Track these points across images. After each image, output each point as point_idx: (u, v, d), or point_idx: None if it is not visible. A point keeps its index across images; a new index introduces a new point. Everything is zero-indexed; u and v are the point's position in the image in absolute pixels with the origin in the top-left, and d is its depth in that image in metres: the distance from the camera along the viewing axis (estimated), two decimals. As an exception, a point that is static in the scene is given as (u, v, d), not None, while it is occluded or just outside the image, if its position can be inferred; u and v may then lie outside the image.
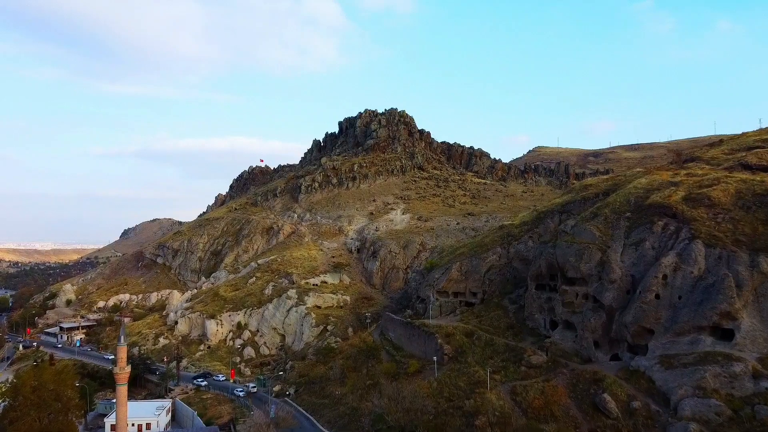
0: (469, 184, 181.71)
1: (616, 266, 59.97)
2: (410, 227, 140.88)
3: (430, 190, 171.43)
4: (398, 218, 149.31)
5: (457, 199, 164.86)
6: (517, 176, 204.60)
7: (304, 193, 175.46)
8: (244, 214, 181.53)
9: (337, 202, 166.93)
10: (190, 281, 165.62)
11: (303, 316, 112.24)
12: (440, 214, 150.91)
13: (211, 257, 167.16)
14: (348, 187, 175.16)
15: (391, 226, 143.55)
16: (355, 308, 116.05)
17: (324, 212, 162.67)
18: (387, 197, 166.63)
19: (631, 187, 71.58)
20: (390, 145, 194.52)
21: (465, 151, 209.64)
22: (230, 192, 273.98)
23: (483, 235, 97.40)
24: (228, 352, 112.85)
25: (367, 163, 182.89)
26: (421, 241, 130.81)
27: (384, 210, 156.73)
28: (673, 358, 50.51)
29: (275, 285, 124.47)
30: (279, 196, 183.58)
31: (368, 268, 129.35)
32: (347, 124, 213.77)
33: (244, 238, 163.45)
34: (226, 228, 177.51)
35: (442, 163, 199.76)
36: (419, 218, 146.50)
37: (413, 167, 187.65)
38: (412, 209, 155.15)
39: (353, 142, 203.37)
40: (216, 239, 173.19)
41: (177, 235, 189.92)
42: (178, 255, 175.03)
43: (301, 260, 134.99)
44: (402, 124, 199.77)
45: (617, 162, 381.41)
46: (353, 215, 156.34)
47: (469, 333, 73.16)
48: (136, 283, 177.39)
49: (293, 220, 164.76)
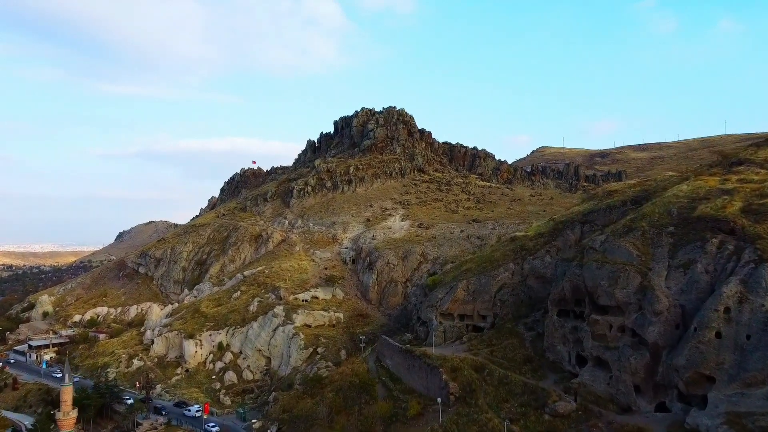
0: (473, 187, 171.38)
1: (661, 294, 49.83)
2: (410, 235, 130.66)
3: (432, 194, 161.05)
4: (397, 225, 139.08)
5: (461, 203, 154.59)
6: (524, 178, 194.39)
7: (296, 198, 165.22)
8: (232, 220, 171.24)
9: (331, 208, 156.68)
10: (172, 293, 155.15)
11: (290, 336, 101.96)
12: (442, 220, 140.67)
13: (196, 267, 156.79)
14: (343, 191, 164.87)
15: (389, 234, 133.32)
16: (348, 327, 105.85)
17: (317, 218, 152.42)
18: (385, 202, 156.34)
19: (671, 195, 61.40)
20: (388, 146, 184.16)
21: (468, 152, 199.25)
22: (221, 195, 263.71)
23: (492, 248, 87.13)
24: (207, 377, 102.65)
25: (364, 165, 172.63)
26: (422, 251, 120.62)
27: (381, 216, 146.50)
28: (745, 418, 40.45)
29: (261, 300, 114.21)
30: (269, 201, 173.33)
31: (364, 281, 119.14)
32: (343, 123, 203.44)
33: (231, 247, 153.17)
34: (212, 235, 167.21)
35: (444, 165, 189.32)
36: (420, 225, 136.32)
37: (413, 169, 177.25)
38: (411, 215, 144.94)
39: (349, 142, 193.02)
40: (201, 247, 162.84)
41: (160, 243, 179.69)
42: (161, 264, 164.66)
43: (291, 272, 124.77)
44: (401, 123, 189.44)
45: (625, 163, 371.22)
46: (348, 222, 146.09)
47: (480, 367, 63.02)
48: (115, 295, 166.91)
49: (284, 227, 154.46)
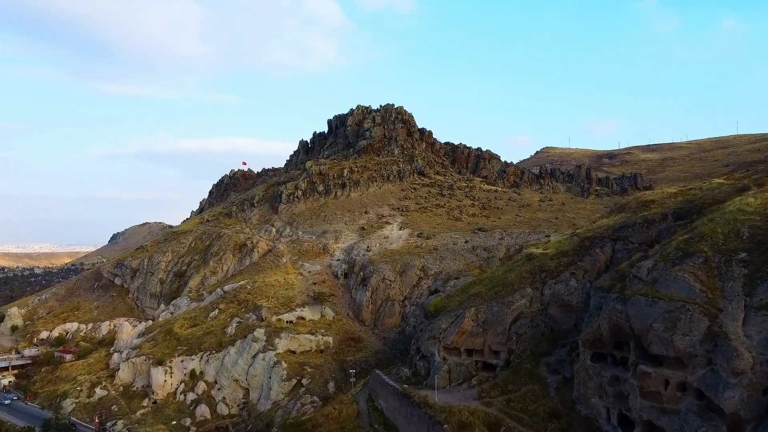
0: (478, 191, 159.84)
1: (741, 345, 38.21)
2: (408, 246, 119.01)
3: (433, 200, 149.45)
4: (394, 235, 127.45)
5: (465, 210, 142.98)
6: (532, 182, 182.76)
7: (285, 203, 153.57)
8: (216, 227, 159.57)
9: (322, 215, 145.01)
10: (148, 308, 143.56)
11: (272, 365, 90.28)
12: (445, 229, 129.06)
13: (174, 279, 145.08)
14: (336, 195, 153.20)
15: (385, 245, 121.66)
16: (338, 353, 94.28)
17: (307, 226, 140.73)
18: (381, 208, 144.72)
19: (734, 211, 49.76)
20: (386, 147, 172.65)
21: (471, 153, 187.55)
22: (210, 198, 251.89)
23: (505, 267, 75.41)
24: (177, 410, 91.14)
25: (359, 167, 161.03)
26: (422, 265, 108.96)
27: (378, 224, 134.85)
28: None
29: (240, 322, 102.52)
30: (256, 206, 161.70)
31: (357, 298, 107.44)
32: (337, 122, 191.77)
33: (213, 257, 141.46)
34: (194, 243, 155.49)
35: (446, 168, 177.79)
36: (419, 235, 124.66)
37: (412, 172, 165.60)
38: (410, 223, 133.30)
39: (344, 143, 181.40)
40: (181, 257, 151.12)
41: (138, 252, 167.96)
42: (137, 276, 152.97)
43: (276, 288, 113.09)
44: (399, 122, 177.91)
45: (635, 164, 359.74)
46: (341, 230, 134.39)
47: (494, 423, 51.62)
48: (88, 308, 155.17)
49: (271, 236, 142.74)
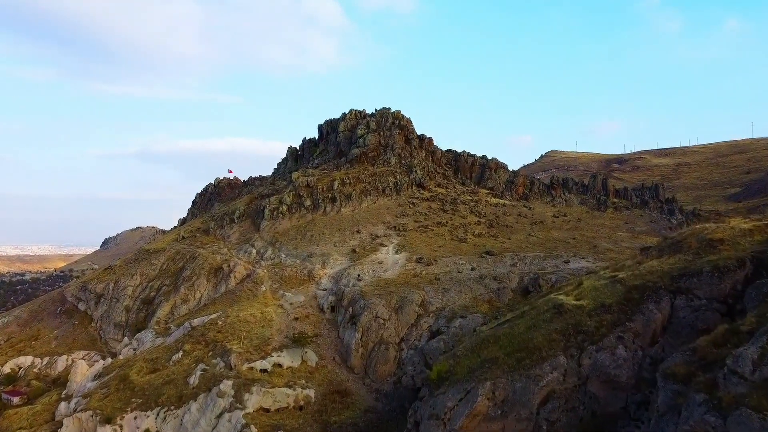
0: (484, 206, 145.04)
1: None
2: (406, 275, 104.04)
3: (434, 216, 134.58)
4: (390, 259, 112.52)
5: (470, 228, 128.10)
6: (542, 193, 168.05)
7: (268, 220, 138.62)
8: (192, 246, 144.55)
9: (309, 234, 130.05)
10: (112, 339, 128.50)
11: (239, 429, 75.16)
12: (447, 252, 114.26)
13: (142, 307, 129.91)
14: (325, 211, 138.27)
15: (379, 272, 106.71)
16: (321, 411, 79.19)
17: (291, 247, 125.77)
18: (376, 227, 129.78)
19: None
20: (381, 156, 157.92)
21: (476, 162, 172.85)
22: (193, 208, 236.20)
23: (527, 319, 60.34)
24: (125, 484, 75.86)
25: (351, 179, 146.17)
26: (422, 299, 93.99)
27: (371, 246, 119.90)
28: None
29: (206, 369, 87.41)
30: (237, 223, 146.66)
31: (345, 339, 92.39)
32: (328, 127, 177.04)
33: (185, 283, 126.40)
34: (165, 265, 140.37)
35: (448, 179, 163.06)
36: (419, 260, 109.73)
37: (410, 184, 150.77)
38: (408, 245, 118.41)
39: (335, 150, 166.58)
40: (151, 282, 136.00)
41: (105, 273, 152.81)
42: (102, 302, 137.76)
43: (251, 324, 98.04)
44: (396, 128, 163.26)
45: (647, 170, 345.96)
46: (329, 253, 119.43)
47: None
48: (47, 338, 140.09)
49: (251, 258, 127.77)
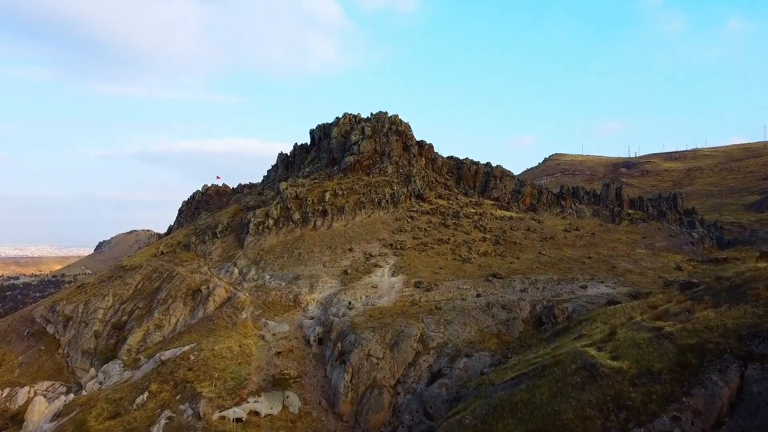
0: (489, 219, 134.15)
1: None
2: (403, 302, 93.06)
3: (434, 232, 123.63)
4: (385, 283, 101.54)
5: (474, 246, 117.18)
6: (551, 203, 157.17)
7: (253, 235, 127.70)
8: (170, 263, 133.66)
9: (296, 252, 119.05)
10: (79, 369, 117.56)
11: (204, 497, 64.28)
12: (449, 274, 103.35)
13: (112, 333, 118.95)
14: (315, 226, 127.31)
15: (373, 299, 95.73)
16: (302, 472, 68.18)
17: (276, 267, 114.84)
18: (370, 244, 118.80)
19: None
20: (377, 164, 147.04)
21: (480, 170, 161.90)
22: (179, 217, 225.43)
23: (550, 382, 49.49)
24: None
25: (344, 190, 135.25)
26: (421, 333, 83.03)
27: (364, 267, 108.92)
28: None
29: (171, 418, 76.36)
30: (219, 237, 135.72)
31: (333, 380, 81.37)
32: (321, 133, 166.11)
33: (160, 306, 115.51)
34: (141, 285, 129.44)
35: (450, 189, 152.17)
36: (417, 284, 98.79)
37: (409, 196, 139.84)
38: (406, 266, 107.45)
39: (327, 158, 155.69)
40: (123, 304, 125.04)
41: (77, 292, 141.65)
42: (71, 325, 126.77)
43: (227, 361, 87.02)
44: (394, 133, 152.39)
45: (657, 175, 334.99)
46: (318, 275, 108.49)
47: None
48: (11, 365, 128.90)
49: (232, 279, 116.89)
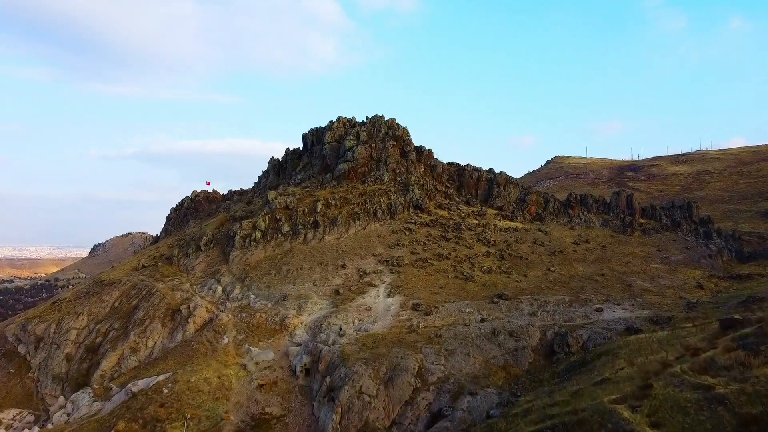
0: (493, 231, 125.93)
1: None
2: (399, 328, 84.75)
3: (434, 246, 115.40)
4: (380, 305, 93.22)
5: (477, 262, 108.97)
6: (558, 212, 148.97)
7: (239, 249, 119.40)
8: (150, 279, 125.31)
9: (285, 268, 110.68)
10: (49, 395, 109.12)
11: None
12: (450, 294, 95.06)
13: (85, 356, 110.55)
14: (305, 239, 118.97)
15: (366, 323, 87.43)
16: None
17: (263, 286, 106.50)
18: (365, 260, 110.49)
19: None
20: (372, 171, 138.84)
21: (482, 177, 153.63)
22: (167, 225, 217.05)
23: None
24: None
25: (338, 199, 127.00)
26: (419, 366, 74.74)
27: (358, 286, 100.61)
28: None
29: (136, 465, 68.05)
30: (204, 251, 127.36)
31: (321, 419, 73.04)
32: (314, 137, 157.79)
33: (136, 327, 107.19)
34: (118, 302, 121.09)
35: (451, 198, 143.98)
36: (415, 306, 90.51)
37: (407, 206, 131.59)
38: (403, 285, 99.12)
39: (320, 164, 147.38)
40: (98, 323, 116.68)
41: (50, 310, 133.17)
42: (42, 346, 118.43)
43: (203, 395, 78.67)
44: (391, 138, 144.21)
45: (664, 179, 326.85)
46: (307, 295, 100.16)
47: None
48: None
49: (215, 298, 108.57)
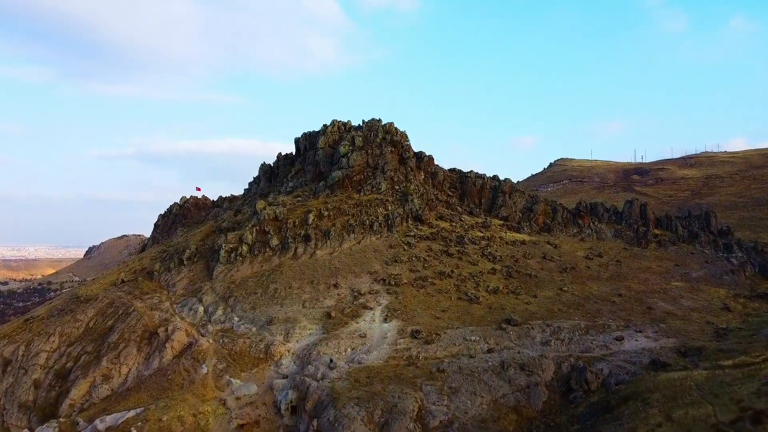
0: (498, 244, 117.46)
1: None
2: (397, 359, 76.24)
3: (434, 263, 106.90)
4: (375, 331, 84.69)
5: (482, 280, 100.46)
6: (567, 222, 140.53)
7: (224, 264, 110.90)
8: (129, 296, 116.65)
9: (272, 287, 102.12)
10: (15, 427, 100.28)
11: None
12: (453, 318, 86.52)
13: (54, 383, 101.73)
14: (296, 253, 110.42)
15: (360, 353, 78.93)
16: None
17: (248, 306, 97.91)
18: (359, 278, 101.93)
19: None
20: (369, 179, 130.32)
21: (486, 185, 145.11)
22: (154, 233, 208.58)
23: None
24: None
25: (331, 210, 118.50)
26: (419, 407, 66.18)
27: (351, 308, 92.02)
28: None
29: None
30: (186, 265, 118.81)
31: (306, 469, 64.46)
32: (306, 142, 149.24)
33: (110, 351, 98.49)
34: (93, 322, 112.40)
35: (453, 207, 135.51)
36: (415, 334, 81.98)
37: (406, 217, 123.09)
38: (401, 308, 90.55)
39: (313, 171, 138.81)
40: (71, 345, 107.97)
41: (21, 329, 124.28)
42: (9, 370, 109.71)
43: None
44: (388, 144, 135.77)
45: (672, 183, 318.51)
46: (296, 318, 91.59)
47: None
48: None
49: (196, 319, 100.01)
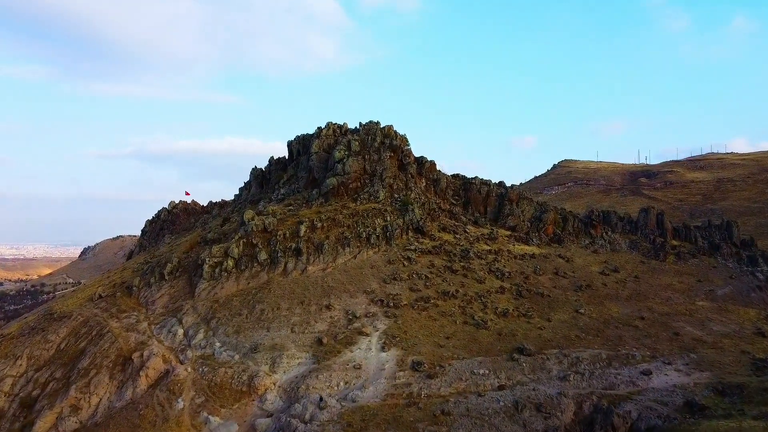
0: (506, 258, 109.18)
1: None
2: (396, 396, 67.91)
3: (438, 281, 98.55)
4: (372, 362, 76.32)
5: (491, 301, 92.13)
6: (579, 232, 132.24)
7: (208, 280, 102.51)
8: (105, 314, 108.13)
9: (259, 308, 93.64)
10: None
11: None
12: (460, 348, 78.15)
13: (19, 412, 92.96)
14: (286, 269, 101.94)
15: (354, 388, 70.60)
16: None
17: (231, 330, 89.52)
18: (355, 299, 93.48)
19: None
20: (366, 187, 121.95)
21: (492, 192, 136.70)
22: (142, 240, 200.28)
23: None
24: None
25: (325, 220, 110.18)
26: (421, 458, 57.78)
27: (345, 334, 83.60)
28: None
29: None
30: (168, 280, 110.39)
31: None
32: (300, 146, 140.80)
33: (81, 378, 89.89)
34: (64, 343, 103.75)
35: (457, 217, 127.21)
36: (416, 366, 73.64)
37: (406, 229, 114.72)
38: (401, 335, 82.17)
39: (307, 178, 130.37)
40: (39, 370, 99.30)
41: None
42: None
43: (141, 490, 61.76)
44: (387, 149, 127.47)
45: (682, 186, 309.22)
46: (283, 345, 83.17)
47: None
48: None
49: (174, 342, 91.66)
